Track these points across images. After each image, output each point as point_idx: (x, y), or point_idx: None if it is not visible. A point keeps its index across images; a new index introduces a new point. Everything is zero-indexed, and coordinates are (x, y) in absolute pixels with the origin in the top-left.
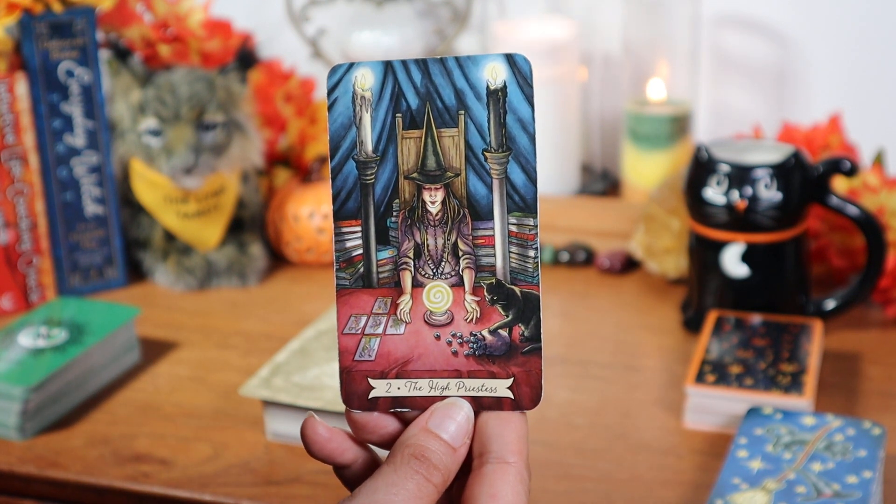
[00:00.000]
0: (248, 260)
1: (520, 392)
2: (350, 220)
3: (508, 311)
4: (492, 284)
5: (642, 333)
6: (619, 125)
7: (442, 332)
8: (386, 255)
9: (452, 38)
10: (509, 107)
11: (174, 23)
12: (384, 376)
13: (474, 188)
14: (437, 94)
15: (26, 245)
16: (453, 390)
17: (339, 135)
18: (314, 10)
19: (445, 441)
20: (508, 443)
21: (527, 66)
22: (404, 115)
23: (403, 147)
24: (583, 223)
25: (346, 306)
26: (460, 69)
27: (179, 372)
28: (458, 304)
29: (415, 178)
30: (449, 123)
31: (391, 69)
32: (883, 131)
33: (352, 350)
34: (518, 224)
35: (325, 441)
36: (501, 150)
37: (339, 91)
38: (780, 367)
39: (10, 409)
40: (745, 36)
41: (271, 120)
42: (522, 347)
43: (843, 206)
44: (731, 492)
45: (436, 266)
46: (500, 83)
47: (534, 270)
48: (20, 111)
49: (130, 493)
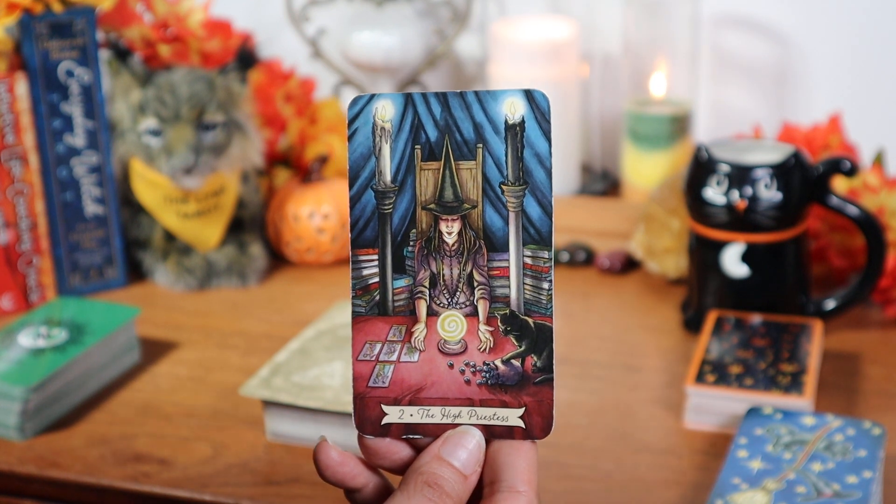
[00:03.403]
0: (248, 260)
1: (531, 421)
2: (367, 248)
3: (521, 342)
4: (506, 315)
5: (642, 333)
6: (619, 125)
7: (455, 360)
8: (402, 283)
9: (452, 38)
10: (527, 141)
11: (174, 23)
12: (397, 403)
13: (490, 220)
14: (456, 127)
15: (26, 245)
16: (465, 418)
17: (358, 164)
18: (314, 10)
19: (457, 469)
20: (519, 472)
21: (545, 101)
22: (423, 146)
23: (422, 178)
24: (583, 223)
25: (361, 333)
26: (479, 103)
27: (179, 372)
28: (472, 333)
29: (432, 209)
30: (467, 156)
31: (411, 101)
32: (883, 131)
33: (366, 376)
34: (533, 256)
35: (337, 465)
36: (518, 184)
37: (359, 122)
38: (780, 367)
39: (10, 409)
40: (745, 36)
41: (271, 120)
42: (534, 378)
43: (843, 206)
44: (731, 492)
45: (451, 296)
46: (518, 118)
47: (547, 302)
48: (20, 111)
49: (130, 493)
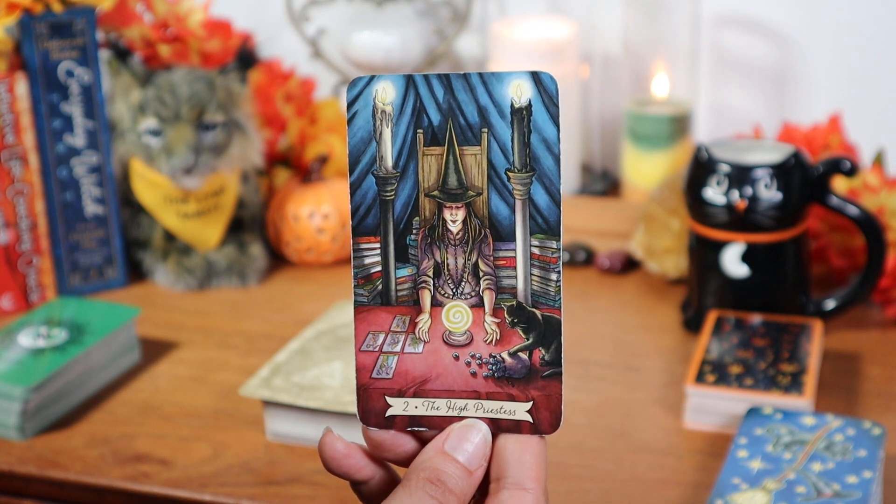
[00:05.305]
0: (248, 260)
1: (539, 416)
2: (369, 236)
3: (529, 335)
4: (512, 307)
5: (642, 333)
6: (619, 125)
7: (461, 352)
8: (405, 273)
9: (452, 38)
10: (534, 126)
11: (174, 23)
12: (402, 395)
13: (496, 208)
14: (459, 110)
15: (26, 245)
16: (471, 411)
17: (358, 149)
18: (314, 10)
19: (461, 464)
20: (527, 468)
21: (553, 84)
22: (426, 131)
23: (424, 164)
24: (583, 223)
25: (364, 323)
26: (484, 85)
27: (179, 372)
28: (478, 324)
29: (436, 197)
30: (471, 141)
31: (412, 83)
32: (883, 131)
33: (369, 367)
34: (540, 246)
35: (342, 457)
36: (525, 171)
37: (358, 104)
38: (780, 367)
39: (10, 409)
40: (745, 36)
41: (271, 120)
42: (542, 371)
43: (843, 206)
44: (731, 492)
45: (456, 286)
46: (524, 101)
47: (556, 294)
48: (20, 111)
49: (130, 493)
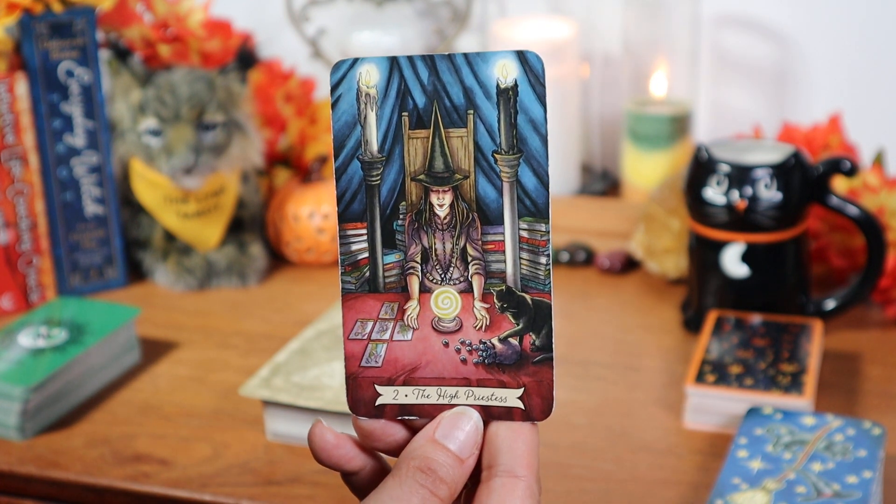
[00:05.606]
0: (248, 260)
1: (531, 402)
2: (355, 222)
3: (519, 320)
4: (502, 291)
5: (642, 333)
6: (619, 125)
7: (450, 339)
8: (392, 259)
9: (452, 38)
10: (520, 106)
11: (174, 23)
12: (391, 383)
13: (484, 191)
14: (444, 92)
15: (26, 245)
16: (462, 398)
17: (343, 133)
18: (314, 10)
19: (453, 452)
20: (519, 456)
21: (539, 64)
22: (411, 113)
23: (410, 147)
24: (583, 223)
25: (351, 311)
26: (469, 66)
27: (179, 372)
28: (468, 310)
29: (422, 180)
30: (457, 123)
31: (397, 65)
32: (883, 131)
33: (358, 356)
34: (529, 230)
35: (332, 448)
36: (512, 152)
37: (342, 88)
38: (780, 367)
39: (10, 409)
40: (745, 36)
41: (271, 120)
42: (533, 357)
43: (843, 206)
44: (731, 492)
45: (444, 271)
46: (510, 81)
47: (545, 278)
48: (20, 111)
49: (130, 493)
